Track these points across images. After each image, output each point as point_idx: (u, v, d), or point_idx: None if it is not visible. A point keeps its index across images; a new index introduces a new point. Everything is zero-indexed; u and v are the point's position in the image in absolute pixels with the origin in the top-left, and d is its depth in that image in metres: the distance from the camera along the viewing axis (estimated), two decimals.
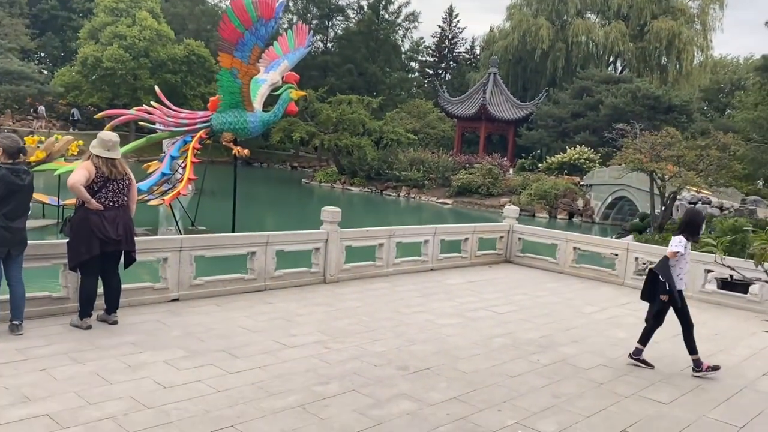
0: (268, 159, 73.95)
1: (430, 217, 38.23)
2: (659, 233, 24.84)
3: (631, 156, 24.19)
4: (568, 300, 11.32)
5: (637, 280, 12.90)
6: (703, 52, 59.95)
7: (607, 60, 62.56)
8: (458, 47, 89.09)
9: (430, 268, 13.06)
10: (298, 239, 10.76)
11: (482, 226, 14.48)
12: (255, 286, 10.04)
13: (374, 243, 12.01)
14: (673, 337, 8.73)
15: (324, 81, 62.13)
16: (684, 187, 24.05)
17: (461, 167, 44.84)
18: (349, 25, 77.99)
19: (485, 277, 12.82)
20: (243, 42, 17.99)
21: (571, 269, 13.88)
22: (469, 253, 14.00)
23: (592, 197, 38.33)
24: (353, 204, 42.59)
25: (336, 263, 11.16)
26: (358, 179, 49.19)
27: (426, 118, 57.02)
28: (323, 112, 48.05)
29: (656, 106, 42.67)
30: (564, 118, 48.64)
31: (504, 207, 39.32)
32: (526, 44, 61.09)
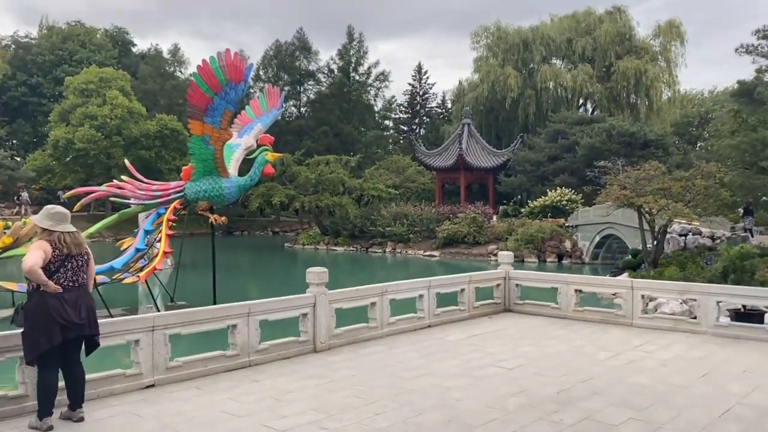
0: (249, 226, 73.12)
1: (419, 271, 37.41)
2: (654, 268, 24.27)
3: (617, 192, 23.85)
4: (578, 347, 10.50)
5: (646, 320, 12.19)
6: (671, 87, 61.25)
7: (577, 102, 63.58)
8: (430, 102, 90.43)
9: (427, 325, 12.20)
10: (283, 306, 9.90)
11: (478, 274, 13.73)
12: (238, 362, 9.12)
13: (366, 303, 11.18)
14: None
15: (300, 144, 62.26)
16: (673, 219, 23.67)
17: (445, 218, 44.40)
18: (320, 88, 78.95)
19: (487, 330, 11.98)
20: (213, 107, 17.52)
21: (575, 313, 13.10)
22: (467, 304, 13.20)
23: (579, 238, 37.92)
24: (339, 264, 41.69)
25: (326, 329, 10.29)
26: (342, 239, 48.46)
27: (405, 173, 56.97)
28: (301, 175, 47.73)
29: (632, 142, 42.96)
30: (541, 162, 48.78)
31: (492, 254, 39.08)
32: (496, 94, 61.96)
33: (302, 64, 79.20)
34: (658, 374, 8.73)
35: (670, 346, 10.53)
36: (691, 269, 22.95)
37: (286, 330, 10.58)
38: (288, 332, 10.36)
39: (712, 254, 23.55)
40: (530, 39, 62.34)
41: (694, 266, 23.17)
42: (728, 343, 10.63)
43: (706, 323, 11.36)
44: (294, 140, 68.04)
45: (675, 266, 23.95)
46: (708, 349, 10.29)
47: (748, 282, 12.04)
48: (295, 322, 10.25)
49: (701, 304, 11.45)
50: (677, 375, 8.69)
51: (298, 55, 78.84)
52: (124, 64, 75.39)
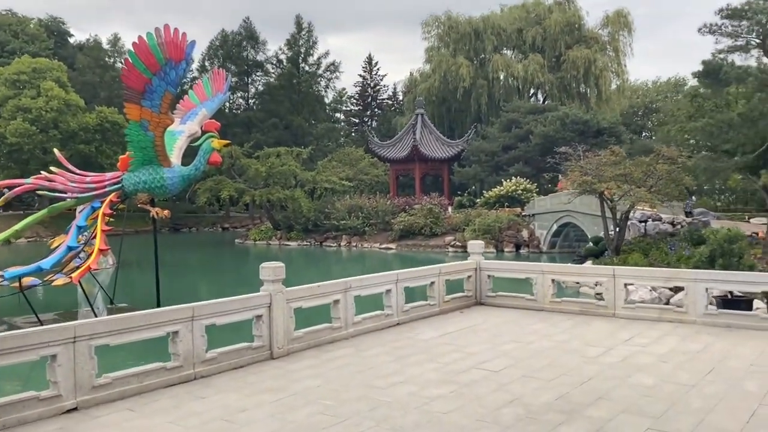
0: (197, 222, 70.61)
1: (376, 265, 36.27)
2: (617, 255, 23.80)
3: (578, 178, 23.25)
4: (563, 343, 9.54)
5: (629, 310, 11.36)
6: (619, 77, 61.85)
7: (529, 92, 63.53)
8: (381, 94, 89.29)
9: (396, 323, 11.06)
10: (233, 308, 8.57)
11: (448, 266, 12.67)
12: (182, 375, 7.76)
13: (328, 300, 9.94)
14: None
15: (249, 137, 60.10)
16: (636, 205, 23.22)
17: (400, 210, 43.37)
18: (269, 79, 76.80)
19: (461, 326, 10.91)
20: (151, 89, 15.87)
21: (552, 305, 12.19)
22: (437, 298, 12.11)
23: (536, 227, 37.50)
24: (293, 259, 40.14)
25: (284, 332, 9.01)
26: (295, 233, 46.88)
27: (358, 165, 55.61)
28: (251, 168, 45.85)
29: (585, 130, 42.84)
30: (496, 152, 48.30)
31: (450, 245, 38.31)
32: (448, 84, 61.32)
33: (250, 54, 76.86)
34: (660, 372, 7.82)
35: (662, 338, 9.69)
36: (655, 255, 22.55)
37: (239, 335, 9.27)
38: (240, 337, 9.05)
39: (675, 240, 23.24)
40: (481, 29, 61.89)
41: (657, 252, 22.79)
42: (722, 333, 9.86)
43: (695, 312, 10.59)
44: (242, 132, 65.83)
45: (638, 253, 23.55)
46: (703, 340, 9.48)
47: (736, 266, 11.39)
48: (248, 326, 8.95)
49: (689, 292, 10.67)
50: (681, 372, 7.80)
51: (245, 45, 76.45)
52: (60, 56, 71.32)
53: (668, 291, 17.88)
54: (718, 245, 11.50)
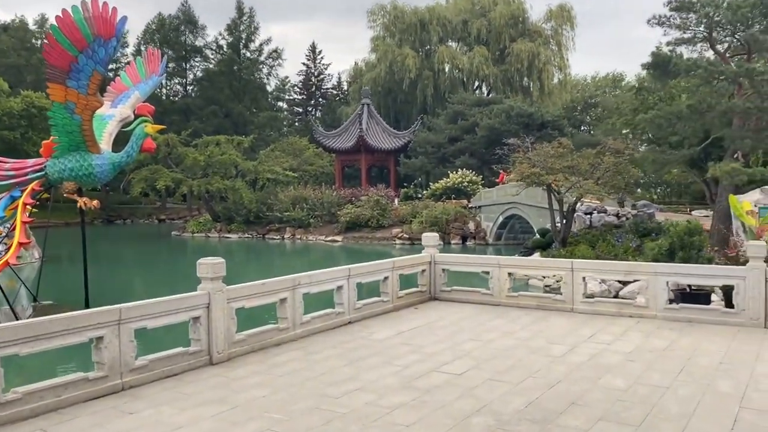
0: (131, 214, 67.83)
1: (322, 258, 35.44)
2: (564, 247, 23.78)
3: (527, 170, 23.07)
4: (525, 341, 9.04)
5: (588, 304, 11.00)
6: (562, 71, 62.73)
7: (473, 84, 63.69)
8: (325, 83, 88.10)
9: (348, 321, 10.33)
10: (167, 309, 7.64)
11: (402, 260, 12.00)
12: (107, 387, 6.82)
13: (274, 299, 9.11)
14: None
15: (187, 125, 57.94)
16: (583, 197, 23.22)
17: (346, 202, 42.57)
18: (208, 65, 74.35)
19: (417, 323, 10.29)
20: (77, 68, 14.51)
21: (509, 299, 11.74)
22: (391, 294, 11.45)
23: (483, 219, 37.45)
24: (233, 253, 38.79)
25: (225, 334, 8.15)
26: (236, 225, 45.38)
27: (302, 155, 54.50)
28: (189, 156, 44.05)
29: (530, 123, 43.10)
30: (442, 144, 48.10)
31: (398, 237, 37.78)
32: (394, 74, 60.81)
33: (188, 39, 74.21)
34: (630, 372, 7.39)
35: (625, 334, 9.33)
36: (602, 247, 22.62)
37: (173, 338, 8.36)
38: (175, 341, 8.15)
39: (621, 231, 23.38)
40: (427, 19, 61.55)
41: (604, 244, 22.86)
42: (684, 329, 9.58)
43: (656, 306, 10.30)
44: (180, 120, 63.54)
45: (585, 244, 23.59)
46: (667, 336, 9.17)
47: (696, 259, 11.21)
48: (184, 329, 8.04)
49: (650, 285, 10.38)
50: (652, 372, 7.39)
51: (184, 29, 73.73)
52: None
53: (618, 283, 17.85)
54: (678, 238, 11.30)
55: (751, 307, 9.53)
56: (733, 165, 17.25)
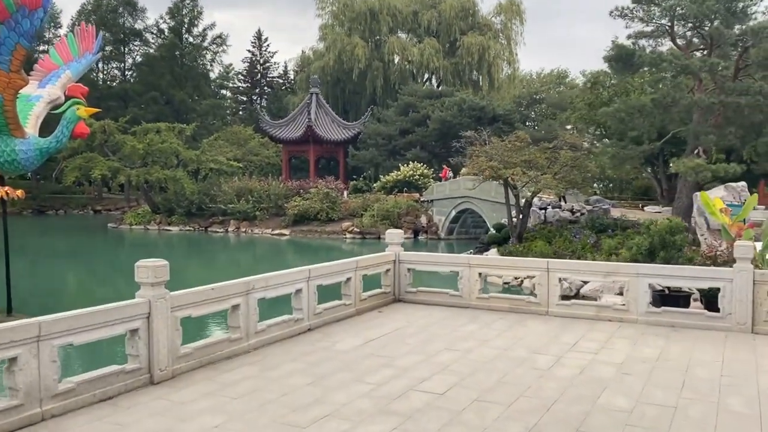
0: (65, 205, 64.29)
1: (269, 253, 34.08)
2: (519, 242, 23.35)
3: (484, 164, 22.47)
4: (506, 351, 8.25)
5: (564, 307, 10.32)
6: (511, 65, 62.90)
7: (423, 77, 63.13)
8: (271, 72, 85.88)
9: (307, 328, 9.31)
10: (98, 321, 6.43)
11: (365, 259, 11.02)
12: (23, 417, 5.61)
13: (225, 306, 8.00)
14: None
15: (125, 111, 55.08)
16: (541, 191, 22.81)
17: (294, 194, 41.20)
18: (149, 50, 71.11)
19: (384, 330, 9.36)
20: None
21: (480, 301, 10.96)
22: (354, 297, 10.47)
23: (435, 213, 36.87)
24: (174, 247, 36.96)
25: (169, 348, 7.01)
26: (177, 217, 43.32)
27: (247, 145, 52.66)
28: (127, 144, 41.67)
29: (482, 116, 42.75)
30: (393, 136, 47.29)
31: (348, 231, 36.70)
32: (343, 64, 59.58)
33: (127, 21, 70.74)
34: (629, 389, 6.68)
35: (609, 342, 8.66)
36: (559, 243, 22.27)
37: (108, 354, 7.15)
38: (110, 357, 6.95)
39: (577, 227, 23.10)
40: (377, 9, 60.48)
41: (561, 240, 22.53)
42: (670, 335, 9.00)
43: (636, 310, 9.71)
44: (118, 106, 60.48)
45: (542, 240, 23.21)
46: (654, 344, 8.55)
47: (677, 260, 10.71)
48: (120, 343, 6.86)
49: (630, 288, 9.77)
50: (652, 388, 6.70)
51: (122, 11, 70.22)
52: None
53: (579, 281, 17.40)
54: (659, 236, 10.77)
55: (737, 311, 9.03)
56: (698, 161, 17.07)
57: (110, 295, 19.76)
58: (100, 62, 72.90)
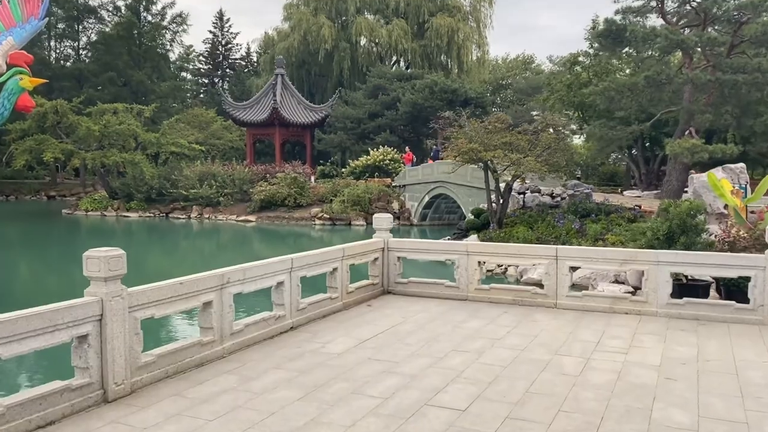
0: (16, 190, 61.18)
1: (234, 239, 32.51)
2: (499, 228, 22.41)
3: (465, 146, 21.41)
4: (523, 351, 7.19)
5: (575, 299, 9.32)
6: (480, 48, 61.83)
7: (392, 59, 61.73)
8: (233, 53, 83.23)
9: (290, 326, 8.09)
10: (35, 327, 5.08)
11: (353, 247, 9.81)
12: None
13: (195, 303, 6.71)
14: None
15: (80, 92, 52.26)
16: (524, 175, 21.82)
17: (260, 179, 39.54)
18: (104, 28, 67.83)
19: (378, 328, 8.19)
20: None
21: (479, 293, 9.89)
22: (341, 289, 9.28)
23: (407, 198, 35.75)
24: (133, 234, 35.04)
25: (126, 357, 5.72)
26: (136, 203, 41.23)
27: (210, 128, 50.56)
28: (82, 126, 39.30)
29: (454, 99, 41.66)
30: (362, 119, 45.88)
31: (317, 217, 35.26)
32: (309, 45, 57.68)
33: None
34: (682, 399, 5.67)
35: (636, 339, 7.67)
36: (541, 229, 21.38)
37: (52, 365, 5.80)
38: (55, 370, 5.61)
39: (559, 212, 22.25)
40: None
41: (544, 225, 21.65)
42: (699, 330, 8.06)
43: (656, 302, 8.76)
44: (72, 87, 57.59)
45: (523, 225, 22.31)
46: (686, 340, 7.59)
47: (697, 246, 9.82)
48: (64, 353, 5.54)
49: (650, 277, 8.81)
50: (709, 398, 5.70)
51: None
52: None
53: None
54: (680, 220, 9.84)
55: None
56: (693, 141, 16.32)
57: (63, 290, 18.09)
58: (52, 40, 69.42)
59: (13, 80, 13.55)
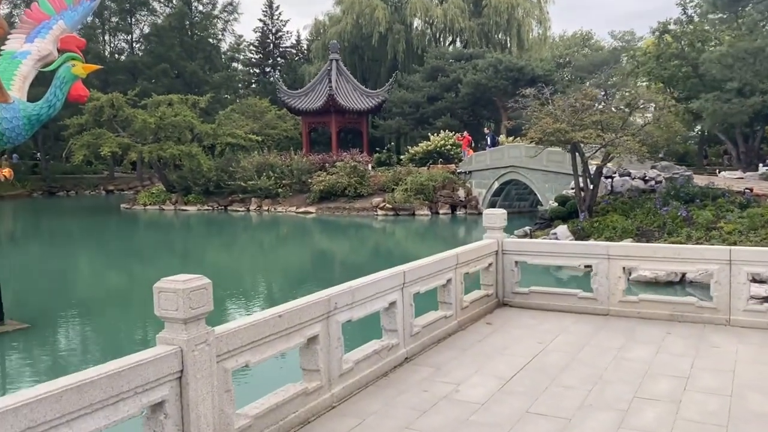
0: (76, 185, 61.74)
1: (294, 232, 31.26)
2: (590, 216, 20.27)
3: (551, 126, 19.30)
4: (732, 397, 5.30)
5: (755, 314, 7.29)
6: (542, 24, 58.74)
7: (447, 39, 59.32)
8: (284, 42, 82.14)
9: (404, 357, 6.43)
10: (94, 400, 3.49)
11: (466, 252, 8.02)
12: None
13: (298, 341, 5.06)
14: None
15: (134, 85, 52.00)
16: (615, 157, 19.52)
17: (318, 168, 38.15)
18: (156, 20, 67.64)
19: (516, 361, 6.41)
20: None
21: (623, 307, 8.00)
22: (455, 305, 7.54)
23: (474, 185, 33.70)
24: (192, 228, 34.23)
25: (215, 426, 4.12)
26: (194, 196, 40.50)
27: (264, 118, 49.42)
28: (138, 119, 38.65)
29: (520, 78, 39.17)
30: (420, 103, 43.88)
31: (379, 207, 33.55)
32: (361, 29, 55.84)
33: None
34: None
35: None
36: (640, 217, 19.18)
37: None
38: None
39: (657, 197, 19.94)
40: None
41: (642, 213, 19.42)
42: None
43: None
44: (127, 80, 57.47)
45: (616, 213, 20.13)
46: None
47: None
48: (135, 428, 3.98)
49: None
50: None
51: None
52: None
53: None
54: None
55: None
56: None
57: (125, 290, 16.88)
58: (106, 35, 69.77)
59: (65, 67, 12.29)
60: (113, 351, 12.13)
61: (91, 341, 13.21)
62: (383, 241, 27.84)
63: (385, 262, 22.39)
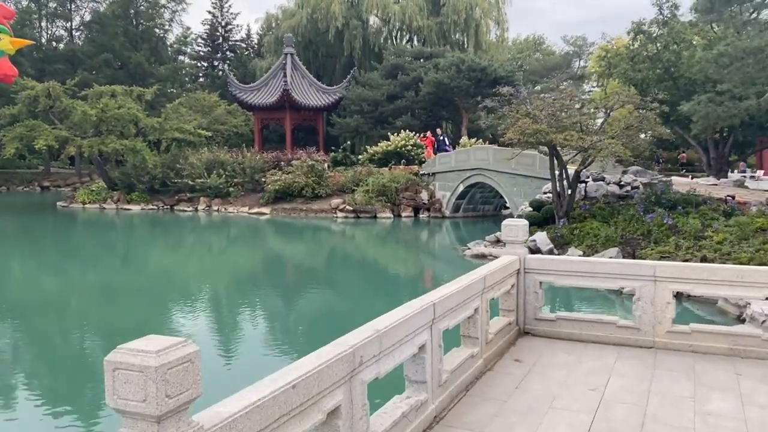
0: (8, 180, 57.77)
1: (248, 234, 29.28)
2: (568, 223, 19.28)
3: (530, 127, 18.21)
4: None
5: None
6: (499, 26, 58.22)
7: (405, 38, 58.13)
8: (234, 35, 79.34)
9: (434, 417, 4.96)
10: None
11: (493, 273, 6.57)
12: None
13: (317, 418, 3.51)
14: None
15: (74, 75, 48.71)
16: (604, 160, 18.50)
17: (272, 167, 36.22)
18: (98, 7, 64.00)
19: (574, 419, 5.04)
20: None
21: (673, 338, 6.77)
22: (481, 339, 6.12)
23: (437, 187, 32.51)
24: (135, 228, 31.77)
25: None
26: (138, 194, 37.88)
27: (213, 113, 47.03)
28: (77, 110, 35.82)
29: (483, 78, 38.22)
30: (379, 101, 42.45)
31: (339, 209, 31.91)
32: (317, 23, 54.04)
33: None
34: None
35: None
36: (622, 224, 18.25)
37: None
38: None
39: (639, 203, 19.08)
40: None
41: (622, 220, 18.52)
42: None
43: None
44: (65, 70, 54.00)
45: (594, 220, 19.21)
46: None
47: None
48: None
49: None
50: None
51: None
52: None
53: None
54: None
55: None
56: None
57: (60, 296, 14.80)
58: (44, 20, 65.58)
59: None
60: (45, 363, 10.35)
61: (21, 352, 11.26)
62: (345, 246, 26.28)
63: (354, 269, 20.88)
